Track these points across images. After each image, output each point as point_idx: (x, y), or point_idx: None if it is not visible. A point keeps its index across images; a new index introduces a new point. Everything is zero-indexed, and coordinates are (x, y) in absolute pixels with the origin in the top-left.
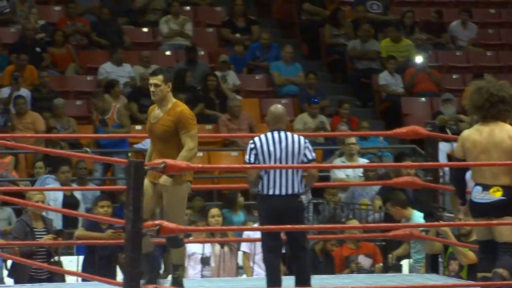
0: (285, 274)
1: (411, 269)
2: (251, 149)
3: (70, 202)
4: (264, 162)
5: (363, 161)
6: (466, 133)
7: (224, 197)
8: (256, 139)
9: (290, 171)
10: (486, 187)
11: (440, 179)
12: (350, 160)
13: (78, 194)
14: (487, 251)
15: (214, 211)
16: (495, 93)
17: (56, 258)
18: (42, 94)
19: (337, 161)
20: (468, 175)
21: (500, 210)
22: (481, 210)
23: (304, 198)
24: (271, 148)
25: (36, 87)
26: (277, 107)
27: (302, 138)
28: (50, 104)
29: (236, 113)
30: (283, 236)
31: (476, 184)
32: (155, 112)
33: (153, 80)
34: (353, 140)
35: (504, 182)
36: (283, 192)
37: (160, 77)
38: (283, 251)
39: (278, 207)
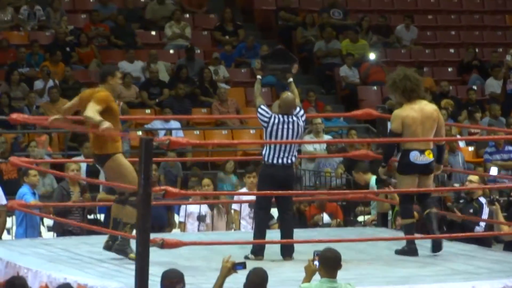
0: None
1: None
2: (266, 116)
3: (92, 170)
4: (271, 135)
5: (327, 137)
6: (402, 112)
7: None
8: (274, 114)
9: (292, 145)
10: (422, 152)
11: None
12: (317, 136)
13: None
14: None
15: (206, 181)
16: (418, 78)
17: (92, 216)
18: (69, 84)
19: (307, 137)
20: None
21: (432, 168)
22: (419, 170)
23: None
24: (280, 126)
25: (64, 80)
26: (288, 96)
27: (303, 123)
28: (77, 92)
29: (224, 98)
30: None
31: (411, 150)
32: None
33: (122, 75)
34: (319, 120)
35: (431, 146)
36: (285, 162)
37: None
38: None
39: (281, 174)
